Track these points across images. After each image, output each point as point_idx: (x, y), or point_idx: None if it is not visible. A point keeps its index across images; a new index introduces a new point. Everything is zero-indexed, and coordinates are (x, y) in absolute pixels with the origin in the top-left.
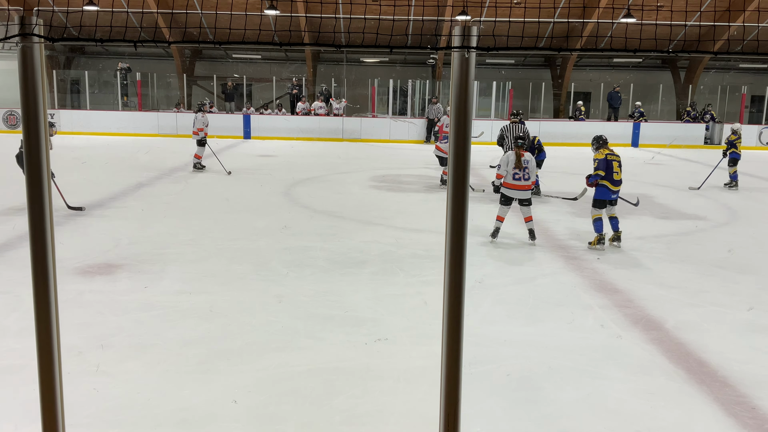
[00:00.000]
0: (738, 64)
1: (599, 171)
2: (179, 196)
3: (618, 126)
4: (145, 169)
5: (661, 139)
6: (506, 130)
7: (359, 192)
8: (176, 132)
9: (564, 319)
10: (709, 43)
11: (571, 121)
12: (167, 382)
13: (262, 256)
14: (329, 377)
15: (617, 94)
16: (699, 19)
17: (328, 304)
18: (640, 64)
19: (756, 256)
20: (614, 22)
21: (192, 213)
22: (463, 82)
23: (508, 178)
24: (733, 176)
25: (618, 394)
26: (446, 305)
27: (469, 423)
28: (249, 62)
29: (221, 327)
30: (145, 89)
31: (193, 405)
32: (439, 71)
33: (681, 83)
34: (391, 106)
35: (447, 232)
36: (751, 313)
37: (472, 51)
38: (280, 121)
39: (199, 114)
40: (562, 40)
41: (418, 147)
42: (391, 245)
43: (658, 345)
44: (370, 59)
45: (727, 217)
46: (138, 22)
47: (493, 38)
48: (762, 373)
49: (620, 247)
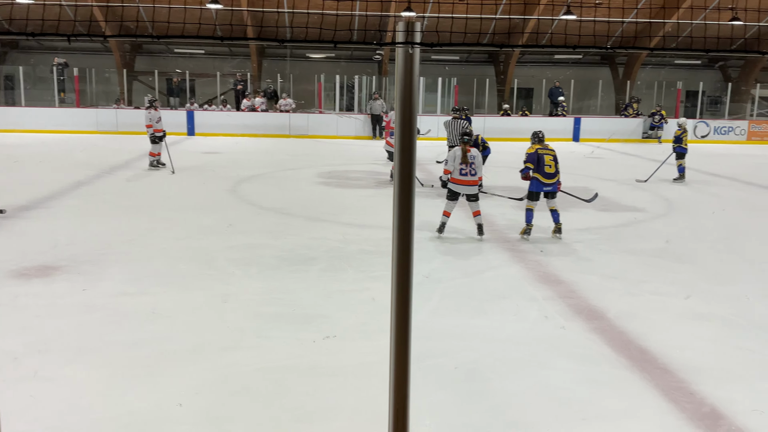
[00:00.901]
0: (673, 60)
1: (528, 164)
2: (120, 194)
3: (559, 121)
4: (84, 167)
5: (600, 133)
6: (447, 125)
7: (307, 188)
8: (116, 129)
9: (510, 311)
10: (645, 40)
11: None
12: (111, 386)
13: (208, 255)
14: (278, 376)
15: (558, 90)
16: (636, 16)
17: (277, 302)
18: (580, 61)
19: (692, 246)
20: (555, 19)
21: (134, 212)
22: (408, 78)
23: (455, 173)
24: (680, 169)
25: (563, 383)
26: (394, 300)
27: (419, 417)
28: (192, 57)
29: (166, 328)
30: (83, 85)
31: (138, 409)
32: (386, 67)
33: (619, 79)
34: (338, 102)
35: (394, 227)
36: (689, 301)
37: (416, 47)
38: (225, 117)
39: (147, 110)
40: (504, 36)
41: (365, 143)
42: (339, 241)
43: (601, 334)
44: (316, 55)
45: (664, 208)
46: (73, 15)
47: (437, 34)
48: (700, 360)
49: (561, 239)
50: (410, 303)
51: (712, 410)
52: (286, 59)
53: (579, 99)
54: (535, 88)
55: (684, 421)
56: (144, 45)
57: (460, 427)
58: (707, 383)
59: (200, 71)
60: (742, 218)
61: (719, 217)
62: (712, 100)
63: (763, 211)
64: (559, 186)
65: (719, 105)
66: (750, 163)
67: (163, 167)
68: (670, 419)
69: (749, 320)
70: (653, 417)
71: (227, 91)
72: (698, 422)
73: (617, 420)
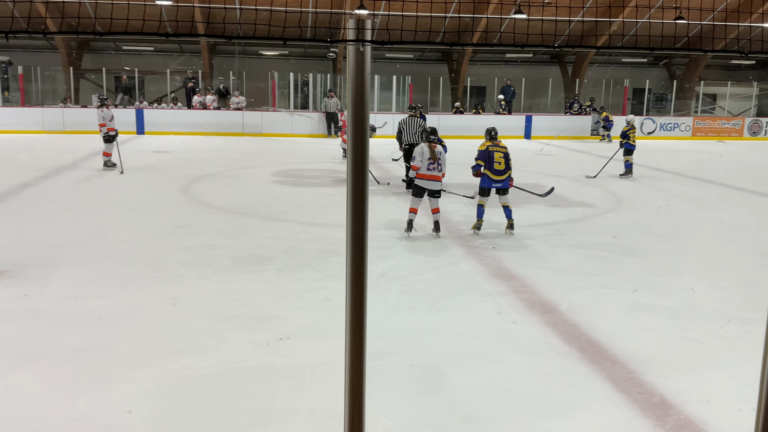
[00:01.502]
0: (620, 58)
1: (479, 161)
2: (67, 196)
3: (511, 119)
4: (30, 168)
5: (551, 131)
6: (404, 123)
7: (262, 187)
8: (63, 128)
9: (464, 307)
10: (593, 39)
11: (472, 115)
12: (59, 393)
13: (159, 257)
14: (233, 378)
15: (509, 88)
16: (583, 16)
17: (231, 304)
18: (531, 60)
19: (639, 240)
20: (505, 18)
21: (82, 213)
22: (359, 76)
23: (423, 169)
24: (627, 165)
25: (517, 377)
26: (349, 299)
27: (375, 415)
28: (140, 55)
29: (116, 332)
30: (28, 84)
31: (86, 416)
32: (340, 65)
33: (569, 77)
34: (292, 100)
35: (348, 225)
36: (637, 294)
37: (367, 44)
38: (176, 115)
39: (99, 109)
40: (455, 35)
41: (320, 141)
42: (296, 241)
43: (553, 327)
44: (269, 52)
45: (613, 204)
46: (13, 11)
47: (388, 32)
48: (648, 350)
49: (514, 234)
50: (365, 301)
51: (661, 400)
52: (238, 56)
53: (530, 97)
54: (487, 87)
55: (635, 412)
56: (91, 42)
57: (416, 423)
58: (656, 374)
59: (149, 69)
60: (686, 212)
61: (665, 211)
62: (658, 97)
63: (706, 204)
64: (511, 182)
65: (665, 102)
66: (694, 158)
67: (114, 167)
68: (621, 410)
69: (695, 311)
70: (604, 408)
71: (178, 88)
72: (648, 412)
73: (569, 411)
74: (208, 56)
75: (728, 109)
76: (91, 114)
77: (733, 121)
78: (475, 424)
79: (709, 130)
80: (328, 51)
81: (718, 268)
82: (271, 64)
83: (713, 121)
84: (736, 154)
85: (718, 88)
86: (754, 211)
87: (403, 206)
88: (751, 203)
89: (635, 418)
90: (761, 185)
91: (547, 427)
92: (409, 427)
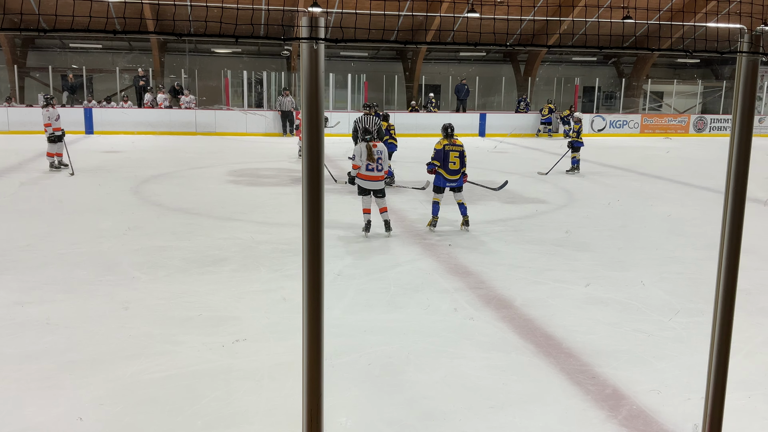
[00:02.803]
0: (571, 57)
1: (434, 161)
2: (13, 198)
3: (466, 117)
4: None
5: (504, 128)
6: (359, 122)
7: (216, 187)
8: (8, 128)
9: (422, 304)
10: (544, 38)
11: (424, 113)
12: (6, 401)
13: (109, 259)
14: (189, 382)
15: (464, 87)
16: (534, 15)
17: (186, 306)
18: (484, 58)
19: (591, 235)
20: (458, 17)
21: (28, 216)
22: (313, 74)
23: (362, 169)
24: (574, 161)
25: (474, 372)
26: (305, 298)
27: (334, 414)
28: (88, 52)
29: (66, 338)
30: None
31: (36, 424)
32: (294, 63)
33: (521, 75)
34: (246, 99)
35: (303, 224)
36: (589, 287)
37: (321, 42)
38: (126, 114)
39: (44, 108)
40: (409, 33)
41: (276, 140)
42: (251, 241)
43: (509, 322)
44: (222, 50)
45: (565, 199)
46: None
47: (341, 30)
48: (601, 343)
49: (469, 231)
50: (322, 301)
51: (614, 391)
52: (189, 54)
53: (483, 95)
54: (442, 85)
55: (589, 403)
56: (36, 39)
57: (375, 421)
58: (609, 365)
59: (97, 67)
60: (635, 207)
61: (615, 206)
62: (607, 95)
63: (655, 199)
64: (465, 178)
65: (614, 100)
66: (642, 154)
67: (65, 168)
68: (575, 401)
69: (645, 303)
70: (559, 400)
71: (128, 87)
72: (602, 403)
73: (525, 404)
74: (158, 54)
75: (674, 107)
76: (37, 113)
77: (679, 118)
78: (434, 420)
79: (656, 127)
80: (282, 49)
81: (666, 261)
82: (223, 62)
83: (660, 118)
84: (682, 150)
85: (664, 86)
86: (699, 206)
87: (360, 204)
88: (697, 198)
89: (589, 410)
90: (706, 180)
91: (504, 420)
92: (367, 425)
